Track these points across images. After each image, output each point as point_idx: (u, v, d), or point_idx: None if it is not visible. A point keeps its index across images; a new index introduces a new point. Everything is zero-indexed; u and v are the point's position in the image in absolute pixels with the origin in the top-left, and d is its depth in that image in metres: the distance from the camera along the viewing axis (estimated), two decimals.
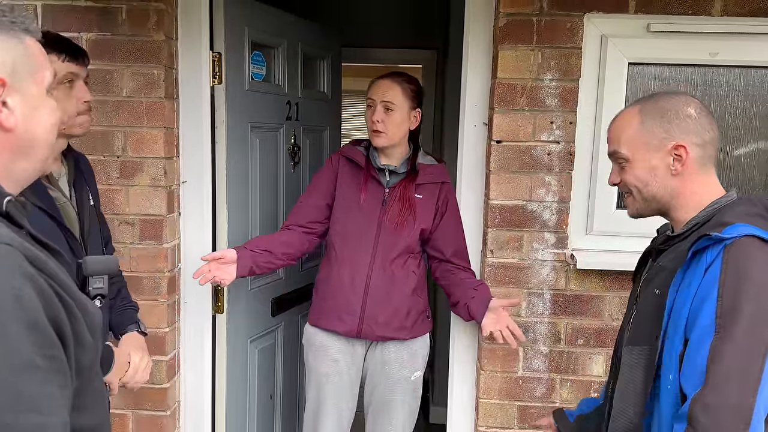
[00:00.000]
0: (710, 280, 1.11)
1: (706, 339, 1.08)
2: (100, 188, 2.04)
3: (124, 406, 2.16)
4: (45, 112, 0.91)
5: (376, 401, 2.20)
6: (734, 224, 1.14)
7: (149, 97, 2.05)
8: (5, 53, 0.85)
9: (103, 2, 2.00)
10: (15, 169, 0.89)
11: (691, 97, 1.27)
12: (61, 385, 0.78)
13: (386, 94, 2.07)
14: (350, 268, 2.11)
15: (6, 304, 0.72)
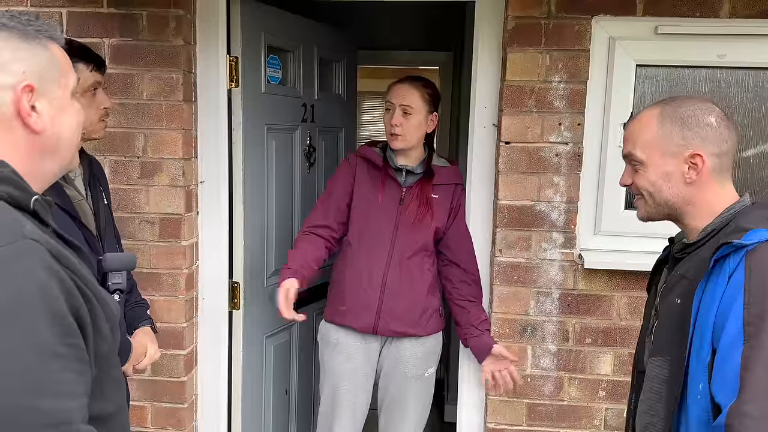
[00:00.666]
0: (735, 287, 1.11)
1: (737, 347, 1.08)
2: (121, 188, 2.14)
3: (143, 398, 2.24)
4: (70, 114, 0.97)
5: (390, 397, 2.25)
6: (754, 230, 1.14)
7: (168, 100, 2.12)
8: (33, 61, 0.90)
9: (124, 9, 2.08)
10: (42, 169, 0.95)
11: (713, 105, 1.25)
12: (81, 372, 0.83)
13: (405, 98, 2.12)
14: (367, 265, 2.16)
15: (31, 295, 0.78)
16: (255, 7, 2.32)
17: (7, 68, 0.88)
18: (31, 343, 0.76)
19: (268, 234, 2.49)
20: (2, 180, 0.85)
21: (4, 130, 0.89)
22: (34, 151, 0.92)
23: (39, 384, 0.77)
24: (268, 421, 2.62)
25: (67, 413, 0.79)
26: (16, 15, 0.92)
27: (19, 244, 0.79)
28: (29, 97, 0.89)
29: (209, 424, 2.38)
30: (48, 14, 2.08)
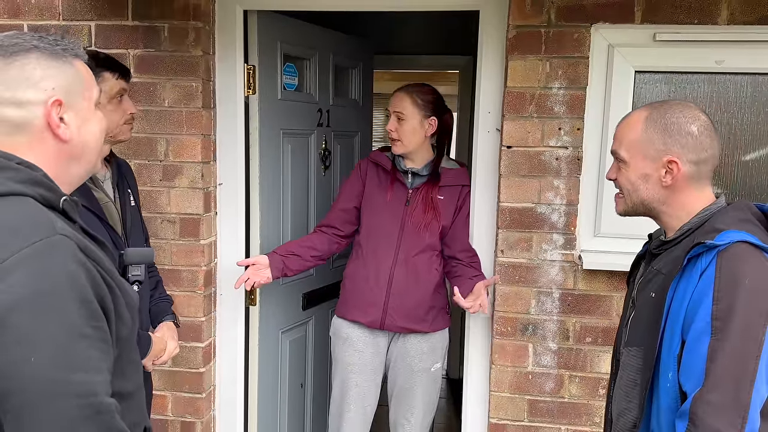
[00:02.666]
0: (705, 284, 1.19)
1: (704, 340, 1.16)
2: (145, 189, 2.28)
3: (164, 387, 2.38)
4: (94, 123, 1.08)
5: (398, 390, 2.36)
6: (727, 230, 1.22)
7: (188, 107, 2.26)
8: (61, 77, 1.02)
9: (147, 21, 2.22)
10: (69, 173, 1.06)
11: (700, 113, 1.31)
12: (105, 351, 0.94)
13: (397, 105, 2.25)
14: (374, 263, 2.28)
15: (63, 284, 0.89)
16: (271, 18, 2.44)
17: (39, 85, 1.00)
18: (63, 324, 0.88)
19: (283, 233, 2.61)
20: (36, 183, 0.97)
21: (36, 140, 1.01)
22: (62, 157, 1.04)
23: (70, 360, 0.88)
24: (283, 413, 2.73)
25: (93, 386, 0.89)
26: (45, 36, 1.04)
27: (53, 239, 0.90)
28: (58, 110, 1.01)
29: (226, 414, 2.51)
30: (78, 27, 2.24)
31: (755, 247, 1.19)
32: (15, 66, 0.99)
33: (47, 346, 0.86)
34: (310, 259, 2.34)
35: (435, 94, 2.31)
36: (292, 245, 2.36)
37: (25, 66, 0.99)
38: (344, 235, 2.40)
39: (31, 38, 1.02)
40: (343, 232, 2.40)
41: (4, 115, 0.99)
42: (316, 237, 2.40)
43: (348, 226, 2.40)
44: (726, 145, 2.06)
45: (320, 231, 2.42)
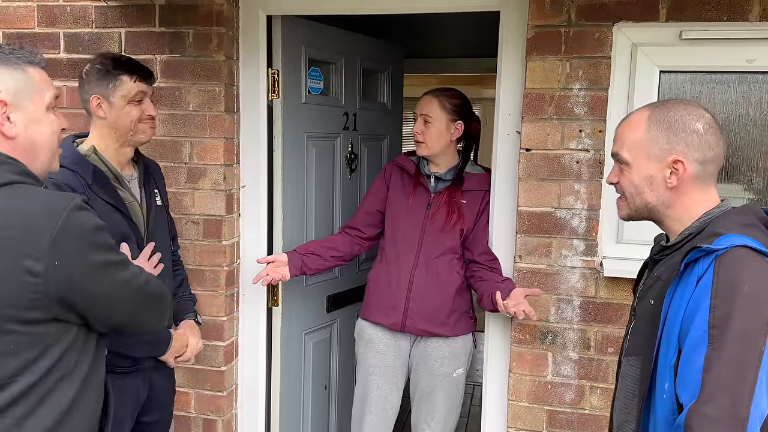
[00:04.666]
0: (702, 290, 1.13)
1: (700, 349, 1.10)
2: (171, 191, 2.34)
3: (187, 385, 2.44)
4: (45, 124, 1.22)
5: (420, 393, 2.34)
6: (726, 235, 1.16)
7: (211, 110, 2.31)
8: (9, 82, 1.15)
9: (173, 28, 2.29)
10: (33, 166, 1.21)
11: (704, 111, 1.25)
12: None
13: (425, 108, 2.24)
14: (396, 266, 2.28)
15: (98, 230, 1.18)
16: (296, 23, 2.47)
17: None
18: (105, 255, 1.18)
19: (307, 235, 2.63)
20: (26, 173, 1.16)
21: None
22: (16, 152, 1.17)
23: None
24: (307, 413, 2.75)
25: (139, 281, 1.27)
26: (2, 46, 1.17)
27: (75, 201, 1.13)
28: (3, 110, 1.14)
29: (248, 413, 2.55)
30: (109, 34, 2.33)
31: (756, 251, 1.12)
32: None
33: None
34: (330, 259, 2.36)
35: (463, 99, 2.30)
36: (313, 245, 2.40)
37: None
38: (367, 238, 2.42)
39: None
40: (366, 235, 2.41)
41: None
42: (339, 238, 2.43)
43: (371, 229, 2.41)
44: (759, 146, 1.95)
45: (344, 232, 2.45)
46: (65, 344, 1.15)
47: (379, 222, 2.41)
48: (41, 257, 1.06)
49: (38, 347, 1.12)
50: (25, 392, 1.13)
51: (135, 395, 1.89)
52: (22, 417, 1.13)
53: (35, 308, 1.09)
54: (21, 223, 1.06)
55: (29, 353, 1.11)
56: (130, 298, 1.24)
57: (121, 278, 1.21)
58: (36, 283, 1.07)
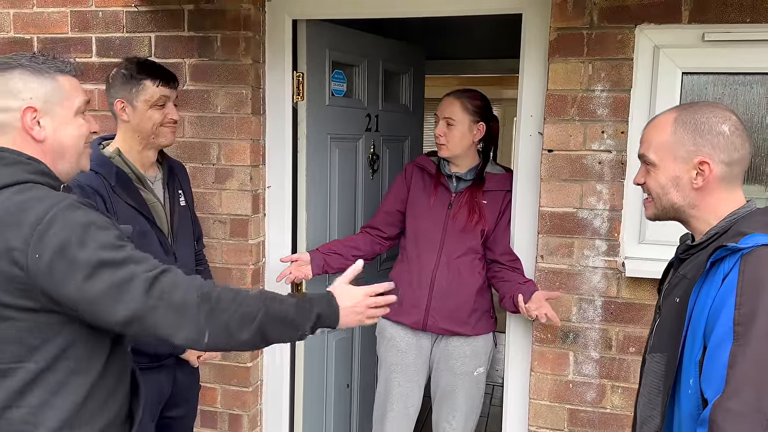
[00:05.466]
0: (727, 288, 1.15)
1: (725, 345, 1.12)
2: (199, 192, 2.40)
3: (214, 380, 2.49)
4: (72, 128, 1.29)
5: (441, 392, 2.37)
6: (751, 234, 1.18)
7: (239, 113, 2.36)
8: (39, 89, 1.24)
9: (201, 32, 2.35)
10: (56, 169, 1.28)
11: (731, 113, 1.28)
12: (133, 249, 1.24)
13: (446, 110, 2.27)
14: (418, 266, 2.32)
15: (92, 221, 1.19)
16: (320, 26, 2.52)
17: (18, 95, 1.23)
18: (103, 239, 1.18)
19: (330, 235, 2.68)
20: (42, 173, 1.24)
21: (20, 139, 1.25)
22: (46, 154, 1.26)
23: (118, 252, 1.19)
24: (329, 411, 2.80)
25: (136, 272, 1.20)
26: (36, 56, 1.27)
27: (68, 200, 1.18)
28: (33, 115, 1.24)
29: (273, 409, 2.59)
30: (139, 38, 2.40)
31: None
32: (1, 81, 1.23)
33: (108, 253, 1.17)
34: (351, 258, 2.39)
35: (483, 100, 2.32)
36: (335, 244, 2.44)
37: (9, 80, 1.23)
38: (387, 237, 2.46)
39: (21, 58, 1.25)
40: (386, 234, 2.45)
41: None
42: (360, 237, 2.48)
43: (391, 229, 2.45)
44: None
45: (365, 232, 2.49)
46: (70, 335, 1.20)
47: (399, 222, 2.44)
48: (25, 250, 1.12)
49: (40, 335, 1.18)
50: (36, 380, 1.18)
51: (158, 390, 1.94)
52: (38, 406, 1.19)
53: (25, 298, 1.15)
54: (14, 218, 1.13)
55: (31, 340, 1.17)
56: (128, 299, 1.15)
57: (115, 278, 1.15)
58: (20, 275, 1.13)
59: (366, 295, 1.41)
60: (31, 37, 2.51)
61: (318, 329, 1.34)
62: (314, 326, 1.32)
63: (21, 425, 1.18)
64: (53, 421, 1.20)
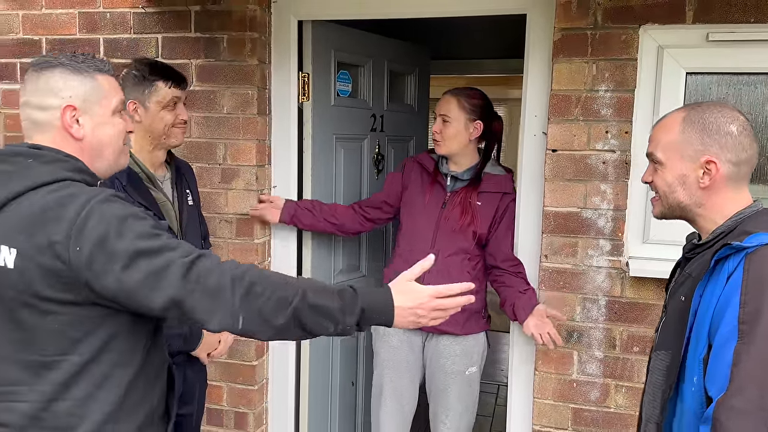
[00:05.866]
0: (732, 287, 1.16)
1: (730, 344, 1.14)
2: (206, 191, 2.42)
3: (220, 378, 2.51)
4: (110, 126, 1.31)
5: (435, 391, 2.39)
6: (756, 233, 1.19)
7: (245, 113, 2.38)
8: (79, 87, 1.26)
9: (208, 33, 2.37)
10: (96, 166, 1.31)
11: (739, 114, 1.28)
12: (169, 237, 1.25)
13: (443, 108, 2.28)
14: (408, 263, 2.29)
15: (124, 214, 1.20)
16: (326, 27, 2.53)
17: (59, 94, 1.25)
18: (139, 228, 1.19)
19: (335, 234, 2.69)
20: (80, 170, 1.25)
21: (59, 138, 1.26)
22: (85, 152, 1.29)
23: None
24: (335, 409, 2.81)
25: (173, 258, 1.20)
26: (76, 55, 1.28)
27: (105, 194, 1.21)
28: (72, 114, 1.26)
29: (278, 407, 2.61)
30: (147, 39, 2.42)
31: None
32: (42, 79, 1.25)
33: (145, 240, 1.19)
34: (323, 221, 2.43)
35: (483, 99, 2.32)
36: (315, 202, 2.47)
37: (49, 79, 1.25)
38: (369, 219, 2.49)
39: (61, 57, 1.27)
40: (370, 216, 2.49)
41: (33, 117, 1.27)
42: (343, 209, 2.50)
43: (375, 212, 2.48)
44: None
45: (351, 206, 2.52)
46: (112, 327, 1.21)
47: (384, 211, 2.47)
48: (66, 244, 1.14)
49: (83, 328, 1.19)
50: (80, 372, 1.20)
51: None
52: (83, 399, 1.21)
53: (68, 291, 1.16)
54: (54, 213, 1.15)
55: (74, 333, 1.19)
56: (166, 285, 1.16)
57: (153, 266, 1.16)
58: (63, 268, 1.15)
59: (432, 297, 1.30)
60: (40, 39, 2.53)
61: (366, 326, 1.26)
62: (360, 322, 1.25)
63: (67, 417, 1.20)
64: (98, 413, 1.22)
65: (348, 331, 1.26)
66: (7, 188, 1.19)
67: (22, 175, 1.20)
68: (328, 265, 2.70)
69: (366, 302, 1.25)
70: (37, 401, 1.20)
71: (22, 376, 1.20)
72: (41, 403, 1.20)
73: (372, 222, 2.49)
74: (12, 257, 1.16)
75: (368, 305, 1.25)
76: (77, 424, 1.21)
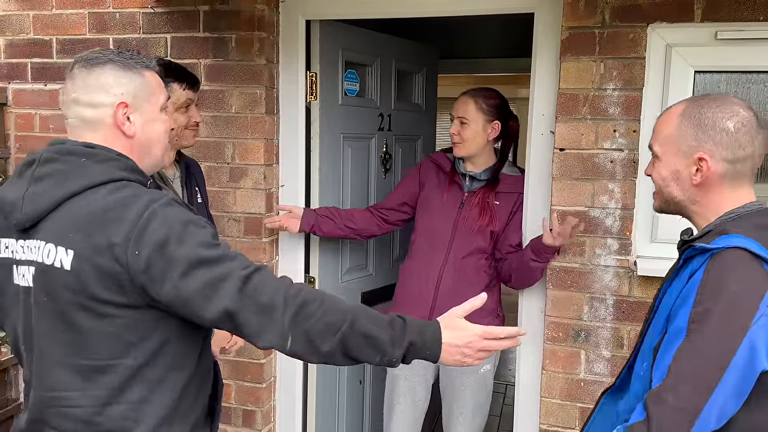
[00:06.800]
0: (691, 286, 1.17)
1: (677, 340, 1.15)
2: (214, 190, 2.44)
3: (229, 377, 2.52)
4: (158, 123, 1.29)
5: (448, 389, 2.39)
6: (729, 235, 1.18)
7: (253, 112, 2.39)
8: (130, 85, 1.24)
9: (216, 33, 2.38)
10: (143, 164, 1.29)
11: (741, 109, 1.23)
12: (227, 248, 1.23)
13: (460, 110, 2.28)
14: (425, 263, 2.33)
15: (183, 221, 1.17)
16: (333, 27, 2.54)
17: (110, 91, 1.23)
18: (201, 238, 1.17)
19: None
20: (132, 170, 1.24)
21: (110, 135, 1.24)
22: (134, 149, 1.27)
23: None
24: (342, 407, 2.82)
25: (232, 270, 1.17)
26: (123, 51, 1.26)
27: (166, 198, 1.18)
28: (124, 111, 1.24)
29: (286, 405, 2.62)
30: (155, 39, 2.44)
31: (753, 255, 1.13)
32: (93, 75, 1.22)
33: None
34: (343, 227, 2.43)
35: (500, 99, 2.32)
36: (333, 209, 2.48)
37: (100, 75, 1.22)
38: (388, 221, 2.50)
39: (109, 53, 1.25)
40: (388, 219, 2.50)
41: (84, 115, 1.23)
42: (360, 213, 2.51)
43: (394, 215, 2.49)
44: None
45: (369, 209, 2.53)
46: (166, 331, 1.19)
47: (402, 213, 2.48)
48: (125, 246, 1.11)
49: (137, 332, 1.17)
50: (135, 376, 1.18)
51: None
52: (137, 402, 1.19)
53: (124, 294, 1.13)
54: (116, 214, 1.13)
55: (129, 336, 1.17)
56: (222, 296, 1.13)
57: (211, 276, 1.13)
58: (121, 271, 1.12)
59: (481, 337, 1.27)
60: (50, 39, 2.56)
61: (412, 359, 1.23)
62: (406, 355, 1.21)
63: (121, 421, 1.19)
64: (152, 417, 1.20)
65: (393, 364, 1.22)
66: (63, 188, 1.16)
67: (77, 174, 1.17)
68: (336, 264, 2.71)
69: (415, 336, 1.22)
70: (90, 406, 1.18)
71: (74, 380, 1.18)
72: (95, 407, 1.18)
73: (391, 225, 2.51)
74: (69, 258, 1.13)
75: (417, 339, 1.22)
76: (132, 428, 1.19)
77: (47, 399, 1.21)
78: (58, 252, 1.15)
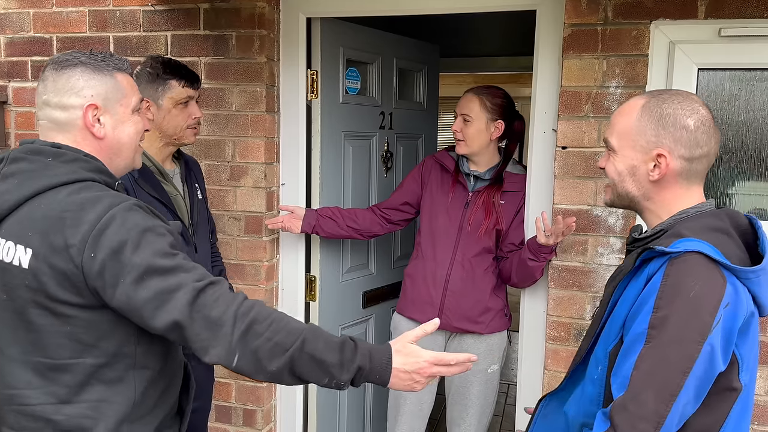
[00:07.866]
0: (650, 290, 1.15)
1: (637, 346, 1.13)
2: (215, 188, 2.43)
3: (228, 375, 2.51)
4: (129, 125, 1.30)
5: (455, 390, 2.38)
6: (686, 238, 1.16)
7: (253, 111, 2.38)
8: (100, 86, 1.25)
9: (217, 31, 2.37)
10: (113, 165, 1.29)
11: (700, 107, 1.23)
12: (185, 258, 1.22)
13: (464, 107, 2.27)
14: (433, 263, 2.32)
15: (142, 227, 1.17)
16: (334, 24, 2.53)
17: (80, 93, 1.24)
18: (156, 245, 1.16)
19: None
20: (99, 171, 1.24)
21: (80, 137, 1.25)
22: (103, 151, 1.27)
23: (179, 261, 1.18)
24: (343, 406, 2.81)
25: (185, 280, 1.17)
26: (95, 53, 1.26)
27: (127, 203, 1.18)
28: (94, 113, 1.25)
29: (287, 404, 2.61)
30: (156, 37, 2.43)
31: (710, 259, 1.12)
32: (63, 77, 1.23)
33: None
34: (346, 228, 2.42)
35: (505, 98, 2.31)
36: (335, 210, 2.46)
37: (71, 77, 1.23)
38: (390, 221, 2.49)
39: (81, 55, 1.25)
40: (390, 218, 2.48)
41: (54, 116, 1.24)
42: (363, 213, 2.49)
43: (396, 214, 2.48)
44: None
45: (371, 209, 2.51)
46: (127, 332, 1.19)
47: (406, 212, 2.47)
48: (81, 248, 1.12)
49: (95, 333, 1.17)
50: (94, 375, 1.18)
51: None
52: (98, 401, 1.19)
53: (79, 295, 1.14)
54: (74, 215, 1.13)
55: (87, 337, 1.17)
56: (172, 307, 1.12)
57: (163, 285, 1.13)
58: (76, 273, 1.12)
59: (432, 364, 1.25)
60: (51, 37, 2.55)
61: (361, 383, 1.22)
62: (355, 378, 1.20)
63: (81, 420, 1.19)
64: (113, 416, 1.20)
65: (342, 387, 1.21)
66: (27, 186, 1.17)
67: (41, 174, 1.18)
68: (337, 263, 2.70)
69: (365, 361, 1.20)
70: (49, 404, 1.19)
71: (32, 378, 1.19)
72: (53, 405, 1.19)
73: (394, 224, 2.49)
74: (27, 257, 1.14)
75: (366, 364, 1.20)
76: (92, 426, 1.19)
77: (6, 397, 1.22)
78: (17, 250, 1.15)
